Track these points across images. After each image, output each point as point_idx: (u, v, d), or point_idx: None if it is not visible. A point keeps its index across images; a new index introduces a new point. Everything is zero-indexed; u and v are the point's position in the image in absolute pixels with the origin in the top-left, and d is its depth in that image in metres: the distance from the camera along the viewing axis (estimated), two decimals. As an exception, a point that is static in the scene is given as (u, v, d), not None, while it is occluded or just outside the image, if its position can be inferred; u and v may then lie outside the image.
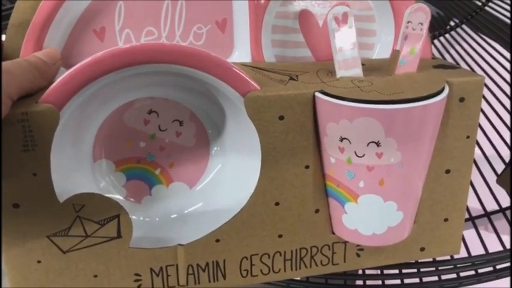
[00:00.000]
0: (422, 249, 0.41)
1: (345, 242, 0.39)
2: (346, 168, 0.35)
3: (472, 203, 0.48)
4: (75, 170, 0.36)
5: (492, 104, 0.56)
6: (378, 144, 0.33)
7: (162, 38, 0.38)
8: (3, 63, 0.31)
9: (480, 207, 0.50)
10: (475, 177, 0.51)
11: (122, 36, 0.37)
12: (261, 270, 0.39)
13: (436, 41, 0.66)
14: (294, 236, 0.38)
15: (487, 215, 0.49)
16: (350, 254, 0.40)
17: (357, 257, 0.40)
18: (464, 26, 0.64)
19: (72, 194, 0.34)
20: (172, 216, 0.39)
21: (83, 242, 0.34)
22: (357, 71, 0.36)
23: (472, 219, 0.49)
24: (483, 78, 0.36)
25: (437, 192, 0.39)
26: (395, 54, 0.36)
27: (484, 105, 0.56)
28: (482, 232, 0.47)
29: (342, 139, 0.34)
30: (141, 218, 0.38)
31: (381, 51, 0.42)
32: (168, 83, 0.36)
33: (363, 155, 0.34)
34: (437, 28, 0.65)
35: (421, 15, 0.35)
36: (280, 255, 0.38)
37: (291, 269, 0.39)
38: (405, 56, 0.36)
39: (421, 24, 0.35)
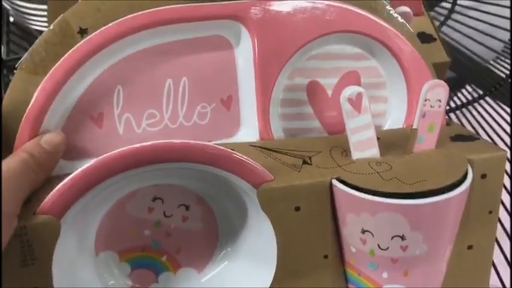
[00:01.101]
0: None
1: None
2: (368, 260, 0.33)
3: (492, 280, 0.46)
4: (77, 269, 0.33)
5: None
6: (402, 238, 0.31)
7: (165, 120, 0.36)
8: (5, 165, 0.28)
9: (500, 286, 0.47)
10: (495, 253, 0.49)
11: (122, 121, 0.35)
12: None
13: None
14: None
15: None
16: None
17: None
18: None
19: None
20: None
21: None
22: (374, 152, 0.34)
23: None
24: (505, 153, 0.34)
25: (460, 268, 0.37)
26: (414, 132, 0.34)
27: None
28: None
29: (363, 231, 0.32)
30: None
31: (393, 118, 0.40)
32: (174, 173, 0.33)
33: (387, 248, 0.32)
34: (453, 90, 0.64)
35: (440, 92, 0.33)
36: None
37: None
38: (423, 134, 0.34)
39: (439, 101, 0.33)
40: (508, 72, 0.62)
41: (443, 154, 0.34)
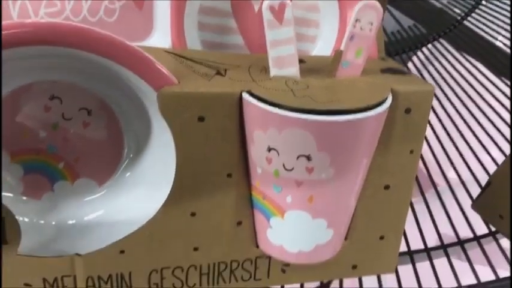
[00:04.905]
0: (354, 266, 0.38)
1: (270, 257, 0.35)
2: (273, 181, 0.30)
3: (445, 229, 0.45)
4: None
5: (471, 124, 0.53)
6: (308, 158, 0.29)
7: (66, 11, 0.32)
8: None
9: (453, 234, 0.46)
10: (451, 203, 0.48)
11: (16, 5, 0.31)
12: (173, 284, 0.34)
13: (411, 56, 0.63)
14: (211, 249, 0.34)
15: (460, 243, 0.46)
16: (274, 270, 0.36)
17: (282, 272, 0.36)
18: (443, 42, 0.60)
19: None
20: (70, 221, 0.34)
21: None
22: (293, 71, 0.31)
23: (444, 247, 0.46)
24: (433, 89, 0.32)
25: (374, 208, 0.35)
26: (338, 54, 0.31)
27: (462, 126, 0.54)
28: (454, 261, 0.44)
29: (269, 149, 0.29)
30: (34, 221, 0.33)
31: (323, 45, 0.37)
32: (74, 68, 0.30)
33: (292, 169, 0.29)
34: (414, 42, 0.61)
35: (372, 14, 0.30)
36: (196, 269, 0.34)
37: (208, 284, 0.35)
38: (349, 59, 0.32)
39: (371, 24, 0.31)
40: (463, 14, 0.60)
41: (366, 82, 0.32)
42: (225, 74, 0.31)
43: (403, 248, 0.45)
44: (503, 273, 0.43)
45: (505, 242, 0.44)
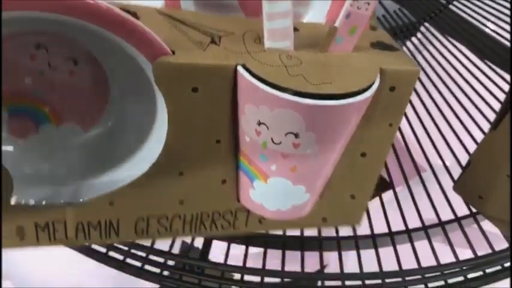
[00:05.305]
0: (324, 219, 0.41)
1: (248, 210, 0.38)
2: (260, 151, 0.32)
3: (427, 213, 0.46)
4: None
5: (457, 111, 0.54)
6: (296, 135, 0.30)
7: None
8: None
9: (435, 217, 0.47)
10: (434, 187, 0.48)
11: None
12: (157, 230, 0.37)
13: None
14: (196, 203, 0.36)
15: (441, 224, 0.47)
16: (252, 220, 0.39)
17: (259, 223, 0.39)
18: (431, 29, 0.59)
19: None
20: (62, 172, 0.35)
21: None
22: (287, 44, 0.32)
23: (425, 229, 0.47)
24: (418, 70, 0.34)
25: (349, 172, 0.38)
26: (333, 30, 0.32)
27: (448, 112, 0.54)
28: (439, 245, 0.44)
29: (259, 123, 0.31)
30: (26, 171, 0.34)
31: (315, 11, 0.37)
32: (63, 23, 0.30)
33: (280, 143, 0.31)
34: (400, 27, 0.60)
35: (369, -6, 0.31)
36: (180, 218, 0.37)
37: (190, 231, 0.38)
38: (343, 35, 0.32)
39: (368, 4, 0.31)
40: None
41: (357, 59, 0.33)
42: (219, 42, 0.31)
43: (384, 229, 0.46)
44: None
45: (486, 224, 0.44)
